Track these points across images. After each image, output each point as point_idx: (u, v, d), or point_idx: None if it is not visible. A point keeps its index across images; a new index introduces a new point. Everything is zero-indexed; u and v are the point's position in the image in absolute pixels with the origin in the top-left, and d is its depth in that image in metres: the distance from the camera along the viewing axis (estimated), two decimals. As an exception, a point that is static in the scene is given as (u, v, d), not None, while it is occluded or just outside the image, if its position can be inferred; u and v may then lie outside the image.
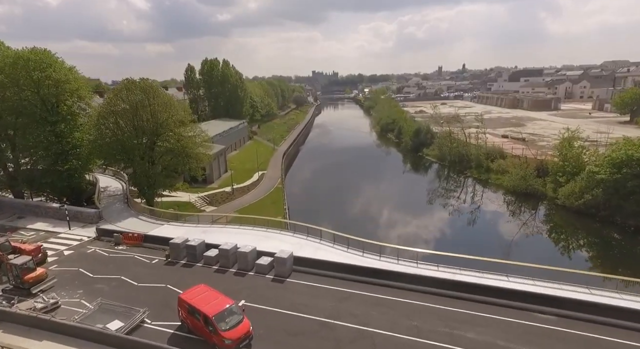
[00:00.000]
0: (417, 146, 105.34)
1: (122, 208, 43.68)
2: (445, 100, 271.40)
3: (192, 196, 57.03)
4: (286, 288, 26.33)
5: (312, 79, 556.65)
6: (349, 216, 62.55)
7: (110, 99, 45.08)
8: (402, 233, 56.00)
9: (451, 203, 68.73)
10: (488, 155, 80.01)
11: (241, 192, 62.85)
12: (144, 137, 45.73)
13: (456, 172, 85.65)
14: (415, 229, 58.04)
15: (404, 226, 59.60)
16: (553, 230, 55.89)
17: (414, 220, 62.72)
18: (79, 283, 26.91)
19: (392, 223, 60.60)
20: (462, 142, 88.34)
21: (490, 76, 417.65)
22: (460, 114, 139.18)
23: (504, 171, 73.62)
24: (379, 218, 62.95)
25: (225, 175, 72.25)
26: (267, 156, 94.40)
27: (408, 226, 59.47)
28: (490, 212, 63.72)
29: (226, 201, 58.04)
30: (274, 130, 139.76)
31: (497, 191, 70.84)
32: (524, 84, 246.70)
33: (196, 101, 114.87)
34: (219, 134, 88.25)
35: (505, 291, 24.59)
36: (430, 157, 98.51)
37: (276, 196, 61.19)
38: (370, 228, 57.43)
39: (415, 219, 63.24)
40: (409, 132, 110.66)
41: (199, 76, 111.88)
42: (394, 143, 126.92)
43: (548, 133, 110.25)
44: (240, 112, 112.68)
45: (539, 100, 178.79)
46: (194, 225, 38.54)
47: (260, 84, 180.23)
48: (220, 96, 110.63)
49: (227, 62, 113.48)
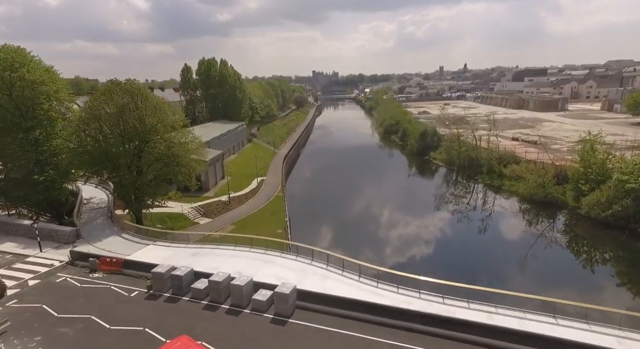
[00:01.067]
0: (423, 149, 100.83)
1: (104, 224, 39.17)
2: (447, 100, 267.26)
3: (185, 207, 52.50)
4: (289, 333, 21.83)
5: (312, 79, 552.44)
6: (353, 225, 58.19)
7: (93, 103, 40.58)
8: (409, 243, 52.06)
9: (460, 210, 64.57)
10: (500, 160, 75.49)
11: (239, 201, 58.32)
12: (131, 144, 41.35)
13: (466, 177, 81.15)
14: (424, 241, 53.77)
15: (411, 237, 55.38)
16: (574, 242, 51.63)
17: (422, 230, 58.69)
18: (38, 326, 22.41)
19: (398, 233, 56.30)
20: (471, 145, 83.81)
21: (492, 76, 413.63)
22: (465, 115, 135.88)
23: (518, 177, 69.18)
24: (384, 227, 58.57)
25: (222, 182, 67.73)
26: (267, 160, 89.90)
27: (416, 237, 55.21)
28: (503, 221, 59.38)
29: (222, 211, 53.48)
30: (274, 132, 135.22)
31: (510, 198, 66.45)
32: (529, 84, 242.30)
33: (193, 103, 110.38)
34: (217, 138, 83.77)
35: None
36: (437, 161, 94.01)
37: (276, 206, 56.67)
38: (377, 239, 53.38)
39: (423, 229, 59.18)
40: (415, 134, 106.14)
41: (196, 77, 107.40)
42: (398, 145, 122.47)
43: (560, 135, 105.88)
44: (238, 114, 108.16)
45: (546, 100, 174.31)
46: (184, 245, 34.03)
47: (260, 85, 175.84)
48: (218, 97, 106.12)
49: (225, 61, 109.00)
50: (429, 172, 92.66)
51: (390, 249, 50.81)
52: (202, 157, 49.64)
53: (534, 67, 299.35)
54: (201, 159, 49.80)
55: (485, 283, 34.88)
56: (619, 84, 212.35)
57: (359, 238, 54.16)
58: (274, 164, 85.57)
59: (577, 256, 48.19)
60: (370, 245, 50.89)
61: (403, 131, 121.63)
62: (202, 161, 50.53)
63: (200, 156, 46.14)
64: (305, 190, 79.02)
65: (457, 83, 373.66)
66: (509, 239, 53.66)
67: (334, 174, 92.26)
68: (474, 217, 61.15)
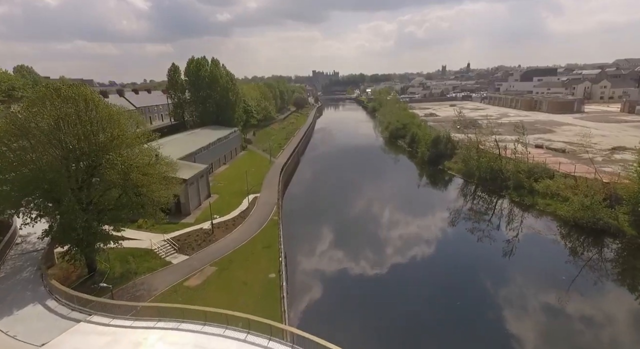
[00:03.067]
0: (435, 158, 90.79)
1: (28, 281, 29.03)
2: (452, 101, 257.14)
3: (155, 240, 42.46)
4: None
5: (312, 78, 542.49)
6: (361, 252, 48.47)
7: (23, 114, 30.58)
8: (425, 266, 42.69)
9: (480, 228, 56.45)
10: (530, 173, 65.44)
11: (225, 228, 48.26)
12: (78, 165, 31.50)
13: (487, 191, 71.09)
14: (435, 261, 45.08)
15: (426, 260, 46.24)
16: (630, 276, 41.96)
17: (435, 247, 51.18)
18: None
19: (412, 254, 46.92)
20: (493, 155, 73.71)
21: (496, 75, 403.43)
22: (473, 117, 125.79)
23: (553, 194, 59.25)
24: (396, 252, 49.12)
25: (207, 202, 57.79)
26: (263, 171, 79.84)
27: (432, 261, 45.99)
28: (535, 246, 50.40)
29: (203, 244, 43.37)
30: (272, 137, 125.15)
31: (543, 218, 56.75)
32: (538, 84, 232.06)
33: (181, 106, 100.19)
34: (204, 148, 73.65)
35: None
36: (453, 172, 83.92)
37: (270, 235, 46.58)
38: (388, 267, 44.51)
39: (435, 246, 51.52)
40: (426, 141, 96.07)
41: (185, 77, 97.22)
42: (406, 152, 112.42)
43: (587, 141, 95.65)
44: (231, 118, 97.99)
45: (560, 102, 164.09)
46: (129, 322, 23.88)
47: (257, 86, 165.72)
48: (209, 99, 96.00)
49: (217, 61, 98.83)
50: (443, 183, 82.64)
51: (403, 276, 41.50)
52: (179, 175, 39.78)
53: (543, 67, 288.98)
54: (176, 179, 39.89)
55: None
56: (634, 84, 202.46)
57: (366, 256, 45.09)
58: (270, 177, 75.49)
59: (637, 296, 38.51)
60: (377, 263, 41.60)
61: (412, 137, 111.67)
62: (177, 183, 40.58)
63: (171, 184, 36.01)
64: (305, 207, 68.92)
65: (461, 83, 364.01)
66: (542, 268, 44.39)
67: (337, 185, 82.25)
68: (497, 238, 52.75)
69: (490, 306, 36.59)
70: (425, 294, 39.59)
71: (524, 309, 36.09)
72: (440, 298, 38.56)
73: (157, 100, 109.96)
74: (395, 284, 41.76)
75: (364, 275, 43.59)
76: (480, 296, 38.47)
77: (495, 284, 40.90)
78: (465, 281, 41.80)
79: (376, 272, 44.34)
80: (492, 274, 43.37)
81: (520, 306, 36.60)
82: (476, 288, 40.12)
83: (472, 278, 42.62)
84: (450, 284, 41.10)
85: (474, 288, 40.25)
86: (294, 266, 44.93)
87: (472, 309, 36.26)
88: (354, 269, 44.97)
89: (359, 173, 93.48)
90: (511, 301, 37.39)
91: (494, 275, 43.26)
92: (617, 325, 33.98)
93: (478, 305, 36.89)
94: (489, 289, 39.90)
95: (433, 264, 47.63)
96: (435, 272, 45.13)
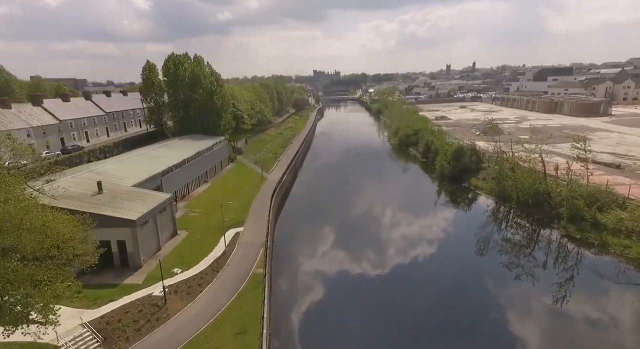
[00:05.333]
0: (458, 174, 76.31)
1: None
2: (461, 102, 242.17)
3: (67, 328, 28.02)
4: None
5: (313, 78, 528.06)
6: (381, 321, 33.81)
7: None
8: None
9: (519, 263, 45.19)
10: (590, 199, 50.95)
11: (185, 293, 33.82)
12: None
13: (530, 219, 56.68)
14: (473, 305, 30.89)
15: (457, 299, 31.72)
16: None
17: (467, 289, 37.43)
18: None
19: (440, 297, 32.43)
20: (536, 173, 59.22)
21: (504, 75, 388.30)
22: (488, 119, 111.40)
23: (630, 231, 44.80)
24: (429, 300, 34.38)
25: (171, 244, 43.45)
26: (251, 191, 65.50)
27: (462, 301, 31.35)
28: (600, 297, 37.74)
29: (144, 330, 28.79)
30: (267, 145, 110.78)
31: (615, 259, 42.69)
32: (554, 83, 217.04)
33: (159, 111, 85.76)
34: (177, 165, 59.19)
35: None
36: (481, 192, 69.36)
37: (249, 308, 31.93)
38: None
39: (469, 289, 37.54)
40: (445, 151, 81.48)
41: (163, 77, 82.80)
42: (419, 162, 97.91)
43: (635, 152, 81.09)
44: (217, 125, 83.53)
45: (585, 103, 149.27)
46: None
47: (252, 86, 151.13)
48: (190, 104, 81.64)
49: (200, 58, 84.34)
50: (468, 204, 68.40)
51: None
52: (124, 214, 25.40)
53: (556, 66, 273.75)
54: (120, 220, 25.50)
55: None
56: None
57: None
58: (259, 200, 61.07)
59: None
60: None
61: (426, 145, 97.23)
62: (122, 225, 26.25)
63: (128, 209, 21.81)
64: (302, 244, 54.34)
65: (467, 83, 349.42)
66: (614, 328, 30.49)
67: (342, 206, 67.67)
68: (542, 278, 41.10)
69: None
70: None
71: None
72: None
73: (135, 103, 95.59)
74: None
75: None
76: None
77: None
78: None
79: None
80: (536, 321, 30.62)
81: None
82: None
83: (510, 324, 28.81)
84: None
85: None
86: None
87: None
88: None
89: (366, 190, 79.04)
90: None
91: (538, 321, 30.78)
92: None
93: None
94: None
95: (462, 304, 33.97)
96: (468, 314, 30.89)
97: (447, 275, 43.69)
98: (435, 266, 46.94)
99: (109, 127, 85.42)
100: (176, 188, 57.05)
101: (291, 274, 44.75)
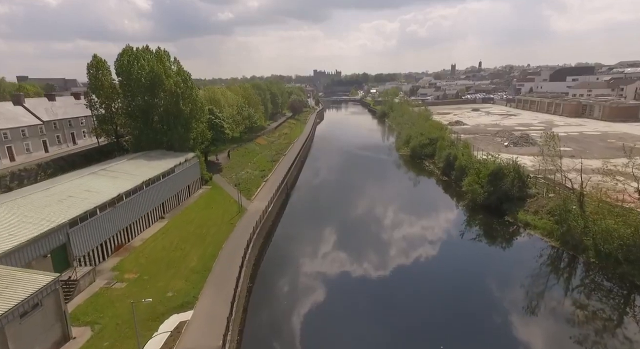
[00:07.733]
0: (496, 201, 58.33)
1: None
2: (472, 104, 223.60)
3: None
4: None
5: (313, 78, 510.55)
6: None
7: None
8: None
9: (603, 342, 29.14)
10: None
11: None
12: None
13: (621, 282, 38.62)
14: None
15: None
16: None
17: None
18: None
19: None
20: (619, 209, 41.32)
21: (512, 75, 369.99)
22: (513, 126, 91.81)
23: None
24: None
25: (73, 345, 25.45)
26: (222, 232, 47.68)
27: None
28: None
29: None
30: (255, 157, 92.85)
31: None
32: (574, 84, 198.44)
33: (111, 120, 67.67)
34: (110, 203, 41.02)
35: None
36: (534, 231, 51.10)
37: None
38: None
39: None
40: (478, 171, 63.40)
41: (118, 78, 64.70)
42: (440, 181, 79.81)
43: None
44: (184, 138, 65.35)
45: (620, 107, 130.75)
46: None
47: (242, 88, 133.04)
48: (151, 110, 63.67)
49: (164, 53, 66.11)
50: (514, 248, 50.25)
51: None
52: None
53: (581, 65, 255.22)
54: None
55: None
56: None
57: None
58: (229, 249, 43.07)
59: None
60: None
61: (447, 160, 79.33)
62: None
63: None
64: (290, 341, 36.16)
65: (474, 83, 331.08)
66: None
67: (345, 253, 49.48)
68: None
69: None
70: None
71: None
72: None
73: (75, 110, 77.45)
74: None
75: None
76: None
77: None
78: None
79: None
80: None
81: None
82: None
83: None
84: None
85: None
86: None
87: None
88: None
89: (378, 225, 60.87)
90: None
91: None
92: None
93: None
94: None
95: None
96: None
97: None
98: (488, 333, 29.02)
99: (47, 140, 67.34)
100: (101, 240, 38.90)
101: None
